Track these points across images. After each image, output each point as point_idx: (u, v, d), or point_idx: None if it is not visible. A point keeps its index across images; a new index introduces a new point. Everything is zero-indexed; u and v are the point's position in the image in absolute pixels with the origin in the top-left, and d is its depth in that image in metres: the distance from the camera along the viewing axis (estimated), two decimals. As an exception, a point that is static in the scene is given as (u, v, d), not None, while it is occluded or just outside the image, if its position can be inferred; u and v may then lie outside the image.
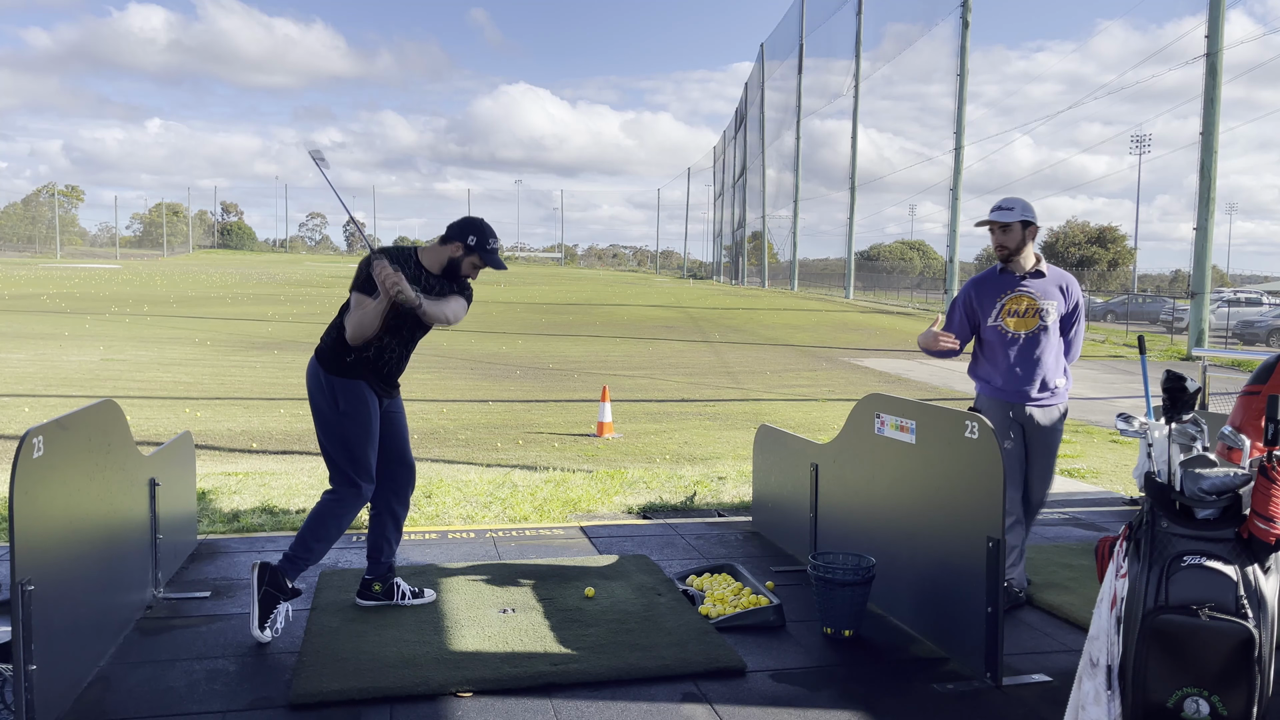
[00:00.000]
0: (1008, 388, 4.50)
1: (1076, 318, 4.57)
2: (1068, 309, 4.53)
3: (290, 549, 4.13)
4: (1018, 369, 4.48)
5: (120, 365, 15.32)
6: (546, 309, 32.15)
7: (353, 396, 4.11)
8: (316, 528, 4.14)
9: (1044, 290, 4.51)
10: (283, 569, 4.05)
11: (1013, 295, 4.53)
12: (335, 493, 4.19)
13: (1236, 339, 28.46)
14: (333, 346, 4.14)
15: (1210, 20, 20.82)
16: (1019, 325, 4.49)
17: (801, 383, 15.49)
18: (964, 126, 32.14)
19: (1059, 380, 4.50)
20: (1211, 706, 2.63)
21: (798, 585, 4.82)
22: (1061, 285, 4.54)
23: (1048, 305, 4.47)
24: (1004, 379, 4.52)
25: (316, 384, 4.16)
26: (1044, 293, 4.50)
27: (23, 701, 2.96)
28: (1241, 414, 3.40)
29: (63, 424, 3.32)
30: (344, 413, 4.11)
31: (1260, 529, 2.63)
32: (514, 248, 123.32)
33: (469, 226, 4.28)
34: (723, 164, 78.34)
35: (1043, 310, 4.47)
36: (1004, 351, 4.52)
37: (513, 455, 8.67)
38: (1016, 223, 4.47)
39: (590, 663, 3.75)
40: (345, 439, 4.14)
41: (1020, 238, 4.48)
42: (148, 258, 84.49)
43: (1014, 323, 4.50)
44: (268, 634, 3.94)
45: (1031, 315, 4.48)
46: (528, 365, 17.07)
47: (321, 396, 4.13)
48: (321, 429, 4.17)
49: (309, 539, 4.13)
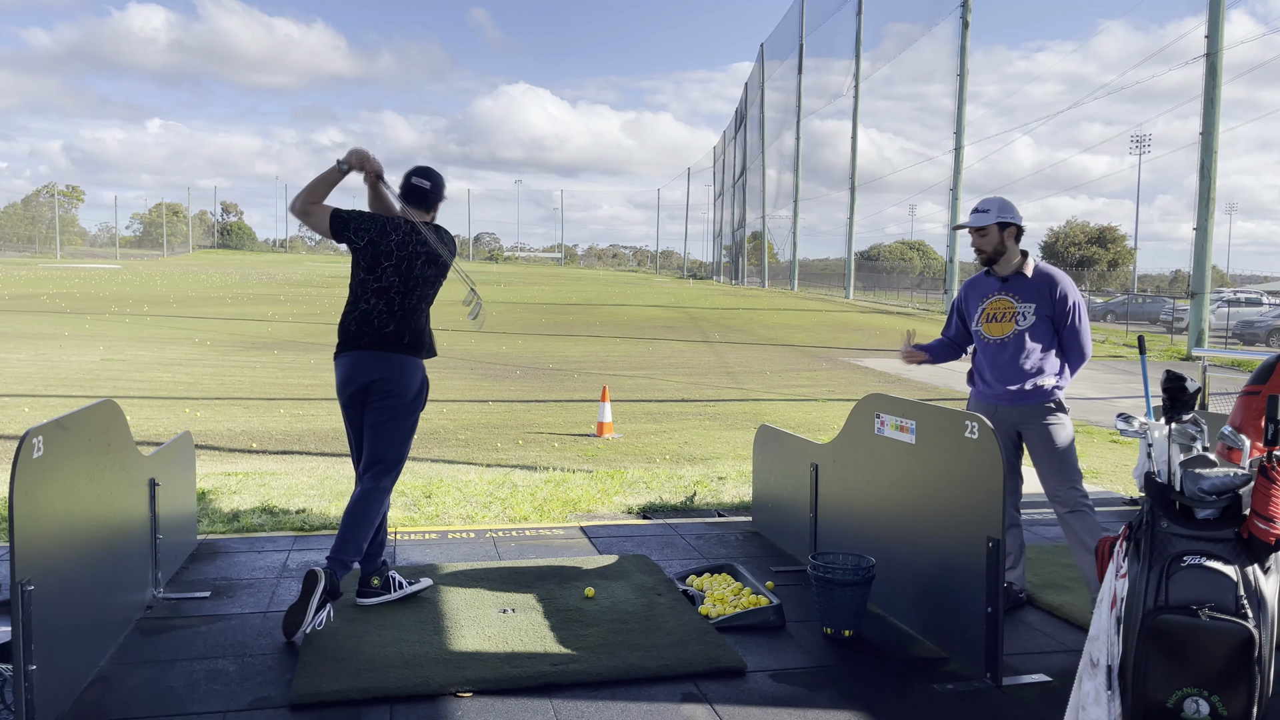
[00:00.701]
0: (988, 390, 4.50)
1: (1069, 319, 4.40)
2: (1054, 310, 4.39)
3: (335, 552, 4.07)
4: (996, 372, 4.45)
5: (120, 365, 15.32)
6: (546, 309, 32.15)
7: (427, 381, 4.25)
8: (360, 521, 4.13)
9: (1024, 293, 4.41)
10: (335, 572, 4.03)
11: (992, 299, 4.48)
12: (381, 486, 4.20)
13: (1236, 339, 28.47)
14: (419, 336, 4.17)
15: (1210, 20, 20.83)
16: (993, 330, 4.45)
17: (801, 383, 15.49)
18: (964, 126, 32.17)
19: (1045, 380, 4.37)
20: (1211, 706, 2.63)
21: (798, 585, 4.82)
22: (1046, 287, 4.39)
23: (1024, 309, 4.38)
24: (985, 381, 4.52)
25: (406, 378, 4.15)
26: (1023, 296, 4.41)
27: (23, 701, 2.96)
28: (1241, 414, 3.40)
29: (63, 424, 3.32)
30: (423, 403, 4.22)
31: (1260, 529, 2.63)
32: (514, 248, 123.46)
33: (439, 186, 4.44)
34: (723, 164, 78.35)
35: (1019, 314, 4.39)
36: (985, 355, 4.52)
37: (513, 455, 8.67)
38: (993, 225, 4.37)
39: (590, 663, 3.75)
40: (414, 424, 4.21)
41: (998, 240, 4.39)
42: (148, 258, 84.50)
43: (990, 328, 4.47)
44: (299, 635, 3.96)
45: (1007, 320, 4.41)
46: (528, 365, 17.07)
47: (408, 389, 4.16)
48: (401, 424, 4.18)
49: (358, 535, 4.12)
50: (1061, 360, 4.45)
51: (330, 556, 4.07)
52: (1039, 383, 4.38)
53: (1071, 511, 4.31)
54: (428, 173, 4.36)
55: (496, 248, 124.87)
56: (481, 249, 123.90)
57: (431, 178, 4.34)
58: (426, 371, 4.26)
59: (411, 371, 4.20)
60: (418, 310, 4.22)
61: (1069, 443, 4.39)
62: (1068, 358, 4.46)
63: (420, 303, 4.24)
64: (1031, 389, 4.37)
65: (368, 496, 4.17)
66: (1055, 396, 4.40)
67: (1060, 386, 4.42)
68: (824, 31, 46.40)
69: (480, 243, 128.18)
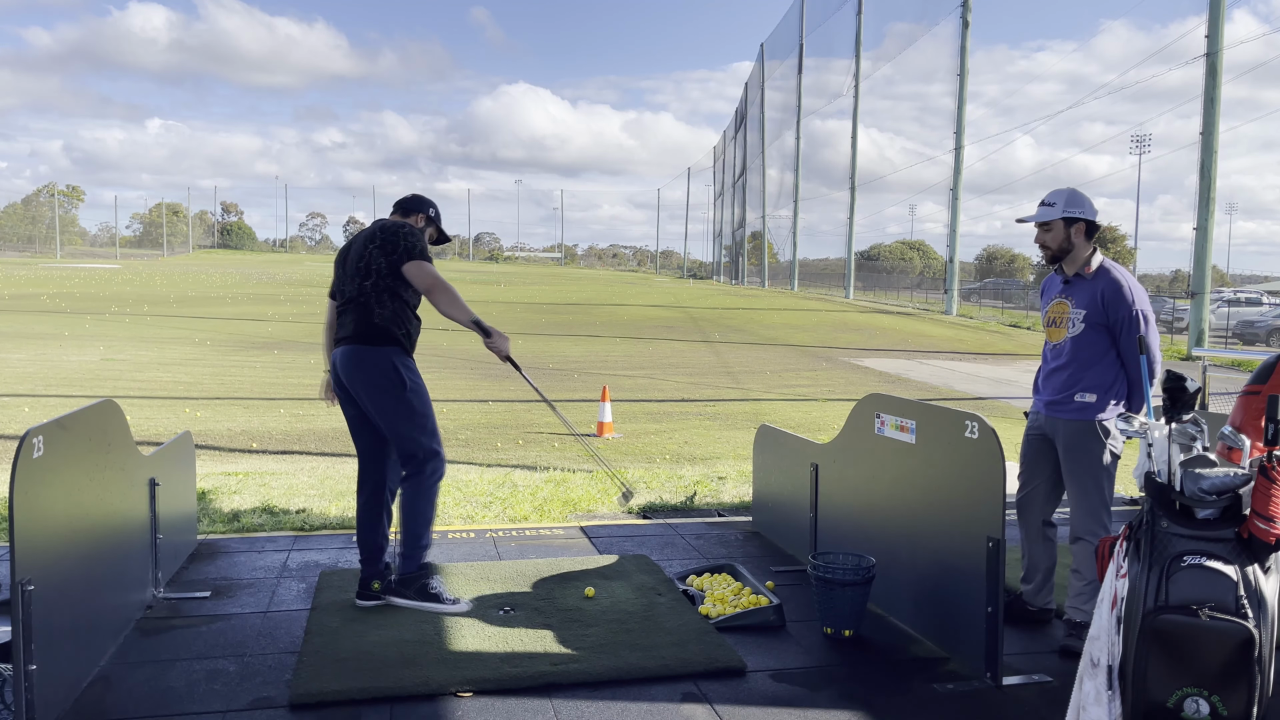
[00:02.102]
0: (1036, 397, 4.29)
1: (1125, 328, 3.97)
2: (1108, 318, 3.99)
3: (403, 548, 4.28)
4: (1046, 379, 4.22)
5: (120, 365, 15.32)
6: (546, 309, 32.15)
7: (414, 370, 4.30)
8: (416, 517, 4.27)
9: (1079, 297, 4.08)
10: (408, 570, 4.25)
11: (1054, 301, 4.21)
12: (420, 473, 4.28)
13: (1236, 339, 28.43)
14: (387, 327, 4.22)
15: (1210, 20, 20.82)
16: (1051, 335, 4.21)
17: (801, 383, 15.49)
18: (964, 126, 32.18)
19: (1087, 398, 4.01)
20: (1211, 706, 2.63)
21: (798, 585, 4.82)
22: (1101, 290, 4.01)
23: (1076, 315, 4.06)
24: (1037, 388, 4.32)
25: (379, 369, 4.20)
26: (1079, 300, 4.07)
27: (23, 701, 2.96)
28: (1241, 414, 3.40)
29: (63, 424, 3.32)
30: (412, 388, 4.25)
31: (1260, 529, 2.63)
32: (514, 247, 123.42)
33: (425, 200, 4.60)
34: (723, 164, 78.33)
35: (1071, 319, 4.08)
36: (1044, 360, 4.29)
37: (513, 455, 8.67)
38: (1058, 220, 4.06)
39: (590, 663, 3.75)
40: (417, 412, 4.25)
41: (1063, 236, 4.07)
42: (148, 258, 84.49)
43: (1049, 333, 4.22)
44: (459, 603, 4.24)
45: (1062, 325, 4.13)
46: (528, 365, 17.01)
47: (388, 379, 4.20)
48: (392, 413, 4.23)
49: (419, 530, 4.28)
50: (1119, 376, 4.03)
51: (401, 554, 4.32)
52: (1080, 399, 4.03)
53: (1076, 540, 4.08)
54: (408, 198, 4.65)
55: (496, 248, 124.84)
56: (481, 249, 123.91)
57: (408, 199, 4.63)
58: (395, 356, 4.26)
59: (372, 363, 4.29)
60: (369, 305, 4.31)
61: (1100, 474, 4.01)
62: (1129, 375, 4.02)
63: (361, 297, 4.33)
64: (1070, 405, 4.06)
65: (405, 495, 4.34)
66: (1098, 418, 3.99)
67: (1106, 407, 4.00)
68: (824, 31, 46.41)
69: (480, 242, 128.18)
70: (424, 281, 4.19)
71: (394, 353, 4.22)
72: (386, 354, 4.20)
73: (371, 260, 4.22)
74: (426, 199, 4.60)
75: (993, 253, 74.85)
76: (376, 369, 4.19)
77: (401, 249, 4.19)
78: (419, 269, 4.19)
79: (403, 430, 4.24)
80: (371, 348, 4.20)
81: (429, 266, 4.23)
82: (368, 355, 4.20)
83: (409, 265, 4.19)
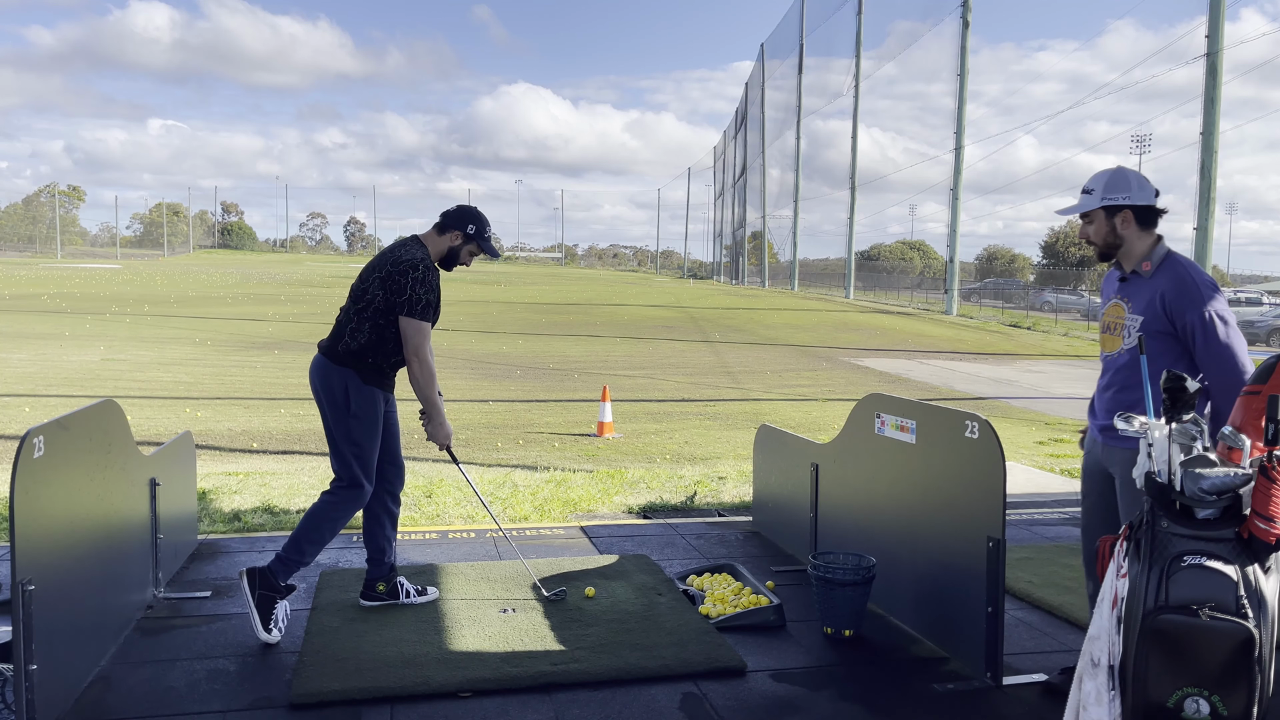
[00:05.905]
0: (1094, 421, 3.53)
1: (1196, 339, 3.20)
2: (1171, 324, 3.24)
3: (283, 550, 4.14)
4: (1100, 398, 3.49)
5: (121, 365, 15.32)
6: (547, 309, 32.15)
7: (367, 400, 4.18)
8: (311, 530, 4.16)
9: (1136, 299, 3.34)
10: (273, 570, 4.07)
11: (1111, 302, 3.48)
12: (335, 494, 4.19)
13: (1237, 339, 28.41)
14: (357, 352, 4.15)
15: (1210, 20, 20.81)
16: (1105, 344, 3.48)
17: (802, 383, 15.49)
18: (964, 126, 32.19)
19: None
20: (1212, 706, 2.63)
21: (798, 585, 4.82)
22: (1159, 292, 3.25)
23: (1133, 321, 3.32)
24: (1091, 409, 3.58)
25: (328, 383, 4.17)
26: (1135, 303, 3.34)
27: (23, 701, 2.96)
28: (1241, 414, 3.39)
29: (63, 424, 3.32)
30: (354, 414, 4.17)
31: (1260, 529, 2.63)
32: (514, 247, 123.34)
33: (467, 215, 4.42)
34: (723, 164, 78.34)
35: (1127, 326, 3.35)
36: (1100, 375, 3.54)
37: (513, 455, 8.67)
38: (1098, 210, 3.36)
39: (590, 662, 3.75)
40: (353, 440, 4.18)
41: (1106, 228, 3.36)
42: (148, 258, 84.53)
43: (1103, 340, 3.50)
44: (275, 634, 3.95)
45: (1117, 332, 3.40)
46: (528, 365, 17.07)
47: (332, 395, 4.16)
48: (333, 429, 4.20)
49: (303, 541, 4.15)
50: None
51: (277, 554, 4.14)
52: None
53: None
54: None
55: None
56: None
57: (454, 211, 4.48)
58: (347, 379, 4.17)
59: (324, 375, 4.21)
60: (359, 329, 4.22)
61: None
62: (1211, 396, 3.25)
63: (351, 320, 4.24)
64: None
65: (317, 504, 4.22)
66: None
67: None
68: (824, 31, 46.44)
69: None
70: (409, 342, 4.15)
71: (350, 376, 4.16)
72: (344, 375, 4.16)
73: (370, 289, 4.17)
74: (470, 213, 4.41)
75: (993, 253, 74.86)
76: (330, 384, 4.18)
77: (405, 299, 4.12)
78: (411, 328, 4.13)
79: (339, 448, 4.21)
80: (333, 365, 4.18)
81: (420, 331, 4.14)
82: (329, 369, 4.18)
83: (405, 320, 4.13)
